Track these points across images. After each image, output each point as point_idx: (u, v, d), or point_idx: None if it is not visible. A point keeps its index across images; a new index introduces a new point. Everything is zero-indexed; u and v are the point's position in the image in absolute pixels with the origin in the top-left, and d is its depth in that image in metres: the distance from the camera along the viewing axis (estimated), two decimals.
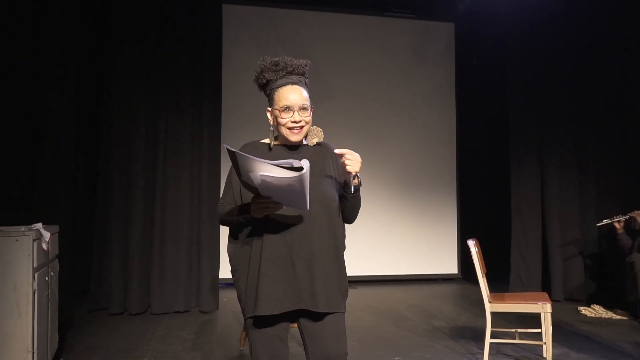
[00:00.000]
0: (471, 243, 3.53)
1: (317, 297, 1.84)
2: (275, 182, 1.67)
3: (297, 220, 1.86)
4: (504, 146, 6.23)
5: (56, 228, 3.44)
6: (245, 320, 1.93)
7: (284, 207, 1.81)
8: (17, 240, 2.76)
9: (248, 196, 1.86)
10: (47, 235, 3.07)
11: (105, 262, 5.06)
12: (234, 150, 1.65)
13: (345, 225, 2.03)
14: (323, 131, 2.01)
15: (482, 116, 7.71)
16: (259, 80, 2.00)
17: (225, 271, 5.67)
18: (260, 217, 1.82)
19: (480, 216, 7.55)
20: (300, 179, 1.64)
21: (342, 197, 1.97)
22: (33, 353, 2.78)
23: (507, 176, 5.98)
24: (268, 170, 1.64)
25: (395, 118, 7.06)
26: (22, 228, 2.94)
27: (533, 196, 5.78)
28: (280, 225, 1.85)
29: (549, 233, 5.71)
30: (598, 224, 5.24)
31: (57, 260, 3.49)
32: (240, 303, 1.94)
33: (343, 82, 6.84)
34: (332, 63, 6.79)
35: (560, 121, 5.81)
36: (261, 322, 1.86)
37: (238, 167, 1.70)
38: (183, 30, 5.23)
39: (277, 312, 1.82)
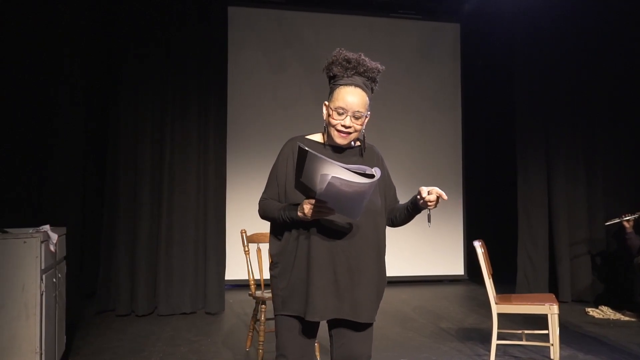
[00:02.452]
0: (477, 244, 3.52)
1: (358, 307, 1.86)
2: (342, 187, 1.63)
3: (344, 227, 1.85)
4: (510, 146, 6.20)
5: (64, 230, 3.45)
6: (276, 315, 1.94)
7: (335, 214, 1.80)
8: (25, 242, 2.77)
9: (296, 197, 1.84)
10: (54, 237, 3.09)
11: (112, 264, 5.08)
12: (307, 149, 1.62)
13: None
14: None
15: (488, 116, 7.68)
16: (328, 71, 1.94)
17: (231, 273, 5.69)
18: (311, 219, 1.80)
19: (486, 217, 7.52)
20: (371, 187, 1.63)
21: (405, 211, 1.98)
22: (41, 354, 2.79)
23: (513, 176, 5.95)
24: (340, 174, 1.61)
25: (401, 118, 7.05)
26: (30, 230, 2.96)
27: (540, 196, 5.75)
28: (326, 230, 1.85)
29: (556, 233, 5.68)
30: (607, 223, 5.20)
31: (64, 262, 3.51)
32: (274, 298, 1.93)
33: None
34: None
35: (567, 121, 5.78)
36: (297, 322, 1.89)
37: (303, 166, 1.67)
38: (190, 33, 5.25)
39: (319, 319, 1.84)
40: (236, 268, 5.80)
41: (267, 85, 6.55)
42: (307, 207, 1.77)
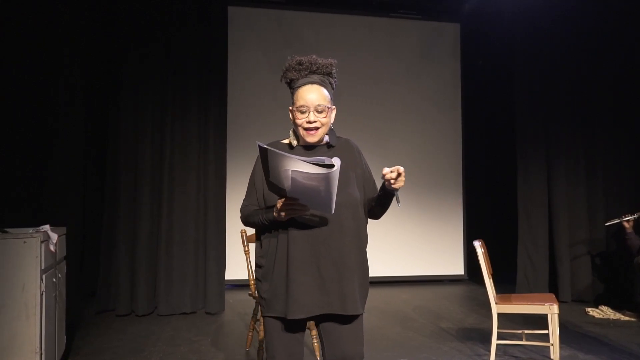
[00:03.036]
0: (477, 244, 3.52)
1: (345, 300, 1.85)
2: (304, 181, 1.65)
3: (323, 222, 1.86)
4: (510, 146, 6.21)
5: (64, 230, 3.46)
6: (263, 317, 1.95)
7: (310, 211, 1.81)
8: (24, 242, 2.78)
9: (272, 198, 1.86)
10: (54, 237, 3.09)
11: (112, 264, 5.09)
12: (266, 147, 1.64)
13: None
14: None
15: (488, 116, 7.69)
16: (284, 79, 2.00)
17: (231, 272, 5.70)
18: (285, 219, 1.82)
19: (486, 216, 7.52)
20: (330, 177, 1.63)
21: (377, 198, 1.97)
22: (41, 354, 2.80)
23: (513, 176, 5.95)
24: (300, 167, 1.63)
25: (401, 118, 7.05)
26: (30, 230, 2.96)
27: (540, 196, 5.75)
28: (305, 227, 1.85)
29: (556, 233, 5.68)
30: (607, 223, 5.20)
31: (64, 262, 3.51)
32: (260, 300, 1.95)
33: (349, 82, 6.84)
34: (338, 64, 6.74)
35: (567, 120, 5.78)
36: (282, 322, 1.88)
37: (267, 165, 1.69)
38: (190, 33, 5.25)
39: (304, 316, 1.84)
40: (236, 268, 5.80)
41: (267, 85, 6.55)
42: (280, 206, 1.79)
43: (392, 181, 1.83)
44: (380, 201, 1.98)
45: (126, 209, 5.08)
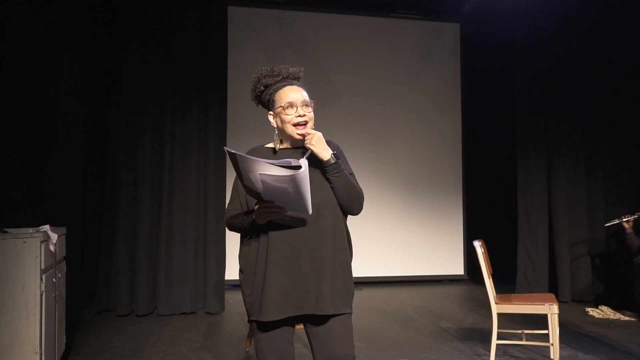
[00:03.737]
0: (477, 244, 3.52)
1: (321, 300, 1.84)
2: (274, 183, 1.65)
3: (302, 222, 1.86)
4: (510, 146, 6.21)
5: (64, 230, 3.46)
6: (249, 322, 1.95)
7: (288, 213, 1.81)
8: (24, 242, 2.78)
9: (251, 202, 1.87)
10: (54, 237, 3.09)
11: (112, 264, 5.09)
12: (233, 151, 1.65)
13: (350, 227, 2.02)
14: (328, 132, 2.02)
15: (488, 116, 7.68)
16: (257, 88, 2.01)
17: (231, 272, 5.69)
18: (263, 222, 1.82)
19: (486, 216, 7.52)
20: (297, 178, 1.62)
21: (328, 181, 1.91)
22: (41, 354, 2.80)
23: (513, 176, 5.95)
24: (266, 170, 1.63)
25: (401, 118, 7.05)
26: (30, 230, 2.96)
27: (540, 196, 5.75)
28: (284, 228, 1.86)
29: (556, 233, 5.68)
30: (606, 224, 5.20)
31: (64, 262, 3.51)
32: (245, 305, 1.95)
33: (349, 82, 6.84)
34: (338, 64, 6.79)
35: (567, 121, 5.78)
36: (266, 324, 1.87)
37: (239, 169, 1.70)
38: (190, 33, 5.25)
39: (278, 317, 1.83)
40: (236, 268, 5.71)
41: None
42: (257, 209, 1.80)
43: (305, 141, 1.87)
44: (329, 179, 1.89)
45: (126, 209, 5.08)
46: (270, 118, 1.99)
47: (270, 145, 2.01)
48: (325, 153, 1.87)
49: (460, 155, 7.23)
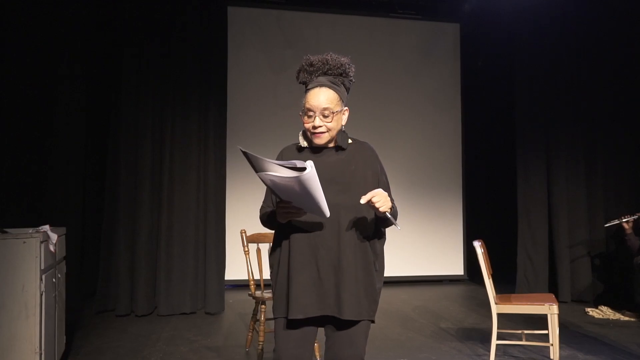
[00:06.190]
0: (477, 244, 3.52)
1: (342, 304, 1.83)
2: (282, 183, 1.64)
3: (323, 224, 1.85)
4: (510, 146, 6.21)
5: (64, 230, 3.46)
6: (275, 319, 1.95)
7: (305, 214, 1.80)
8: (24, 242, 2.77)
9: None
10: (54, 237, 3.09)
11: (112, 264, 5.08)
12: (245, 150, 1.64)
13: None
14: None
15: (488, 116, 7.68)
16: (299, 81, 1.97)
17: (231, 272, 5.70)
18: (283, 222, 1.83)
19: (486, 217, 7.53)
20: (302, 180, 1.59)
21: (375, 222, 1.92)
22: (40, 354, 2.80)
23: (513, 176, 5.96)
24: (273, 170, 1.63)
25: (401, 118, 7.05)
26: (30, 230, 2.96)
27: (540, 196, 5.75)
28: (305, 229, 1.86)
29: (556, 233, 5.68)
30: (606, 225, 5.20)
31: (64, 262, 3.51)
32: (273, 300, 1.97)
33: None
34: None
35: (567, 121, 5.78)
36: (290, 323, 1.88)
37: (254, 168, 1.69)
38: (190, 32, 5.25)
39: (303, 316, 1.83)
40: (236, 268, 5.80)
41: (267, 85, 6.55)
42: (277, 209, 1.82)
43: (375, 206, 1.77)
44: (379, 224, 1.93)
45: (126, 209, 5.08)
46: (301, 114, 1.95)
47: (298, 142, 1.99)
48: (385, 207, 1.78)
49: (460, 155, 7.23)
